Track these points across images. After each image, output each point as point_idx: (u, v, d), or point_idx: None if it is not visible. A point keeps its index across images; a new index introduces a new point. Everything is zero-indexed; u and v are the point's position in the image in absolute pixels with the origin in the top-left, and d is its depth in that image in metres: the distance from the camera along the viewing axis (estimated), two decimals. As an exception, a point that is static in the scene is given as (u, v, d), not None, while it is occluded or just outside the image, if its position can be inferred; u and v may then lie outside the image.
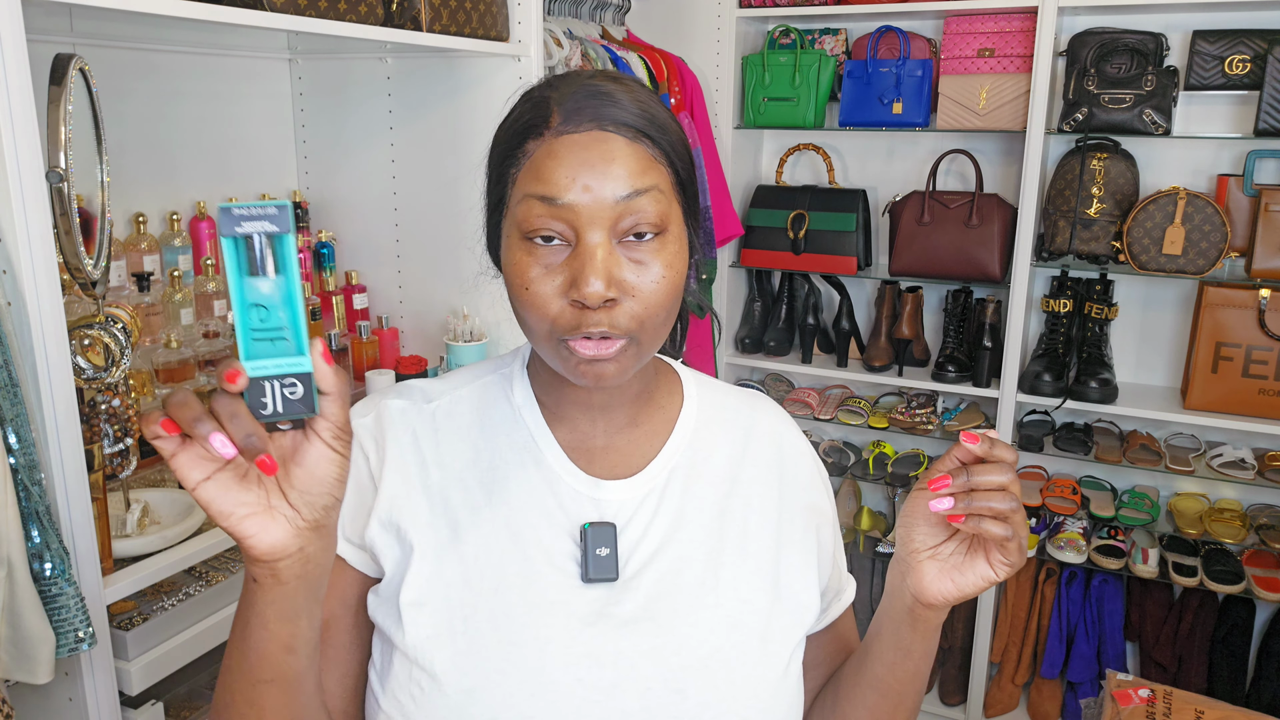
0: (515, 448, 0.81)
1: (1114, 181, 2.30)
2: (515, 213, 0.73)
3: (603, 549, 0.76)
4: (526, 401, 0.83)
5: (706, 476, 0.83)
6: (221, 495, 0.57)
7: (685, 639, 0.76)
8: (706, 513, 0.82)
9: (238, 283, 0.54)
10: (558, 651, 0.74)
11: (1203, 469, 2.36)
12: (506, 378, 0.85)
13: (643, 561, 0.78)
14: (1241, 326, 2.20)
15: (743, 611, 0.79)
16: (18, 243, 1.02)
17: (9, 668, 1.04)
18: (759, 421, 0.89)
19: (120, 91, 1.66)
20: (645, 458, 0.82)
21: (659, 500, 0.81)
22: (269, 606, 0.62)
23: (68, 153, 1.10)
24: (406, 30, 1.53)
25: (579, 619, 0.75)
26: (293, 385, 0.55)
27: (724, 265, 2.71)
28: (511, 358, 0.87)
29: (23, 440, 1.03)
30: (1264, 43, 2.16)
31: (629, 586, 0.77)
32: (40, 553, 1.05)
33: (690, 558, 0.79)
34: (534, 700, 0.73)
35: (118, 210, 1.65)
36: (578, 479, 0.80)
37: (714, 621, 0.78)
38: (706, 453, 0.85)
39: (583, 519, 0.78)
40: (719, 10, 2.60)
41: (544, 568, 0.76)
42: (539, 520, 0.78)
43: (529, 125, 0.73)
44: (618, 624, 0.75)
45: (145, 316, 1.61)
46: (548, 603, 0.75)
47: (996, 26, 2.38)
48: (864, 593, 2.84)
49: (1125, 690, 1.57)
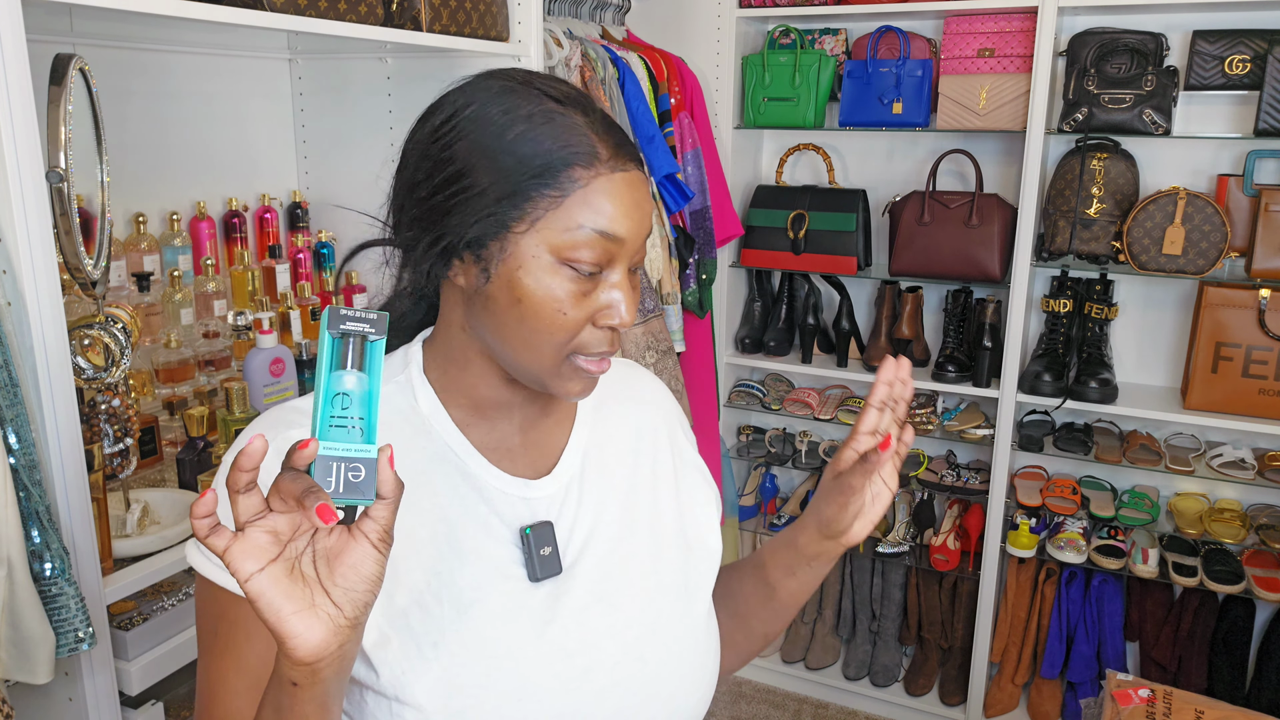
0: (434, 458, 0.80)
1: (1114, 181, 2.30)
2: (557, 239, 0.72)
3: (546, 548, 0.80)
4: (434, 410, 0.81)
5: (612, 452, 0.88)
6: (272, 587, 0.58)
7: (633, 612, 0.82)
8: (620, 488, 0.87)
9: (328, 373, 0.60)
10: (531, 655, 0.77)
11: (1203, 469, 2.36)
12: (405, 386, 0.82)
13: (579, 549, 0.82)
14: (1241, 326, 2.20)
15: (669, 572, 0.86)
16: (18, 243, 1.02)
17: (9, 668, 1.04)
18: (641, 390, 0.96)
19: (120, 91, 1.66)
20: (558, 447, 0.86)
21: (580, 486, 0.85)
22: (309, 704, 0.62)
23: (68, 153, 1.10)
24: (406, 30, 1.53)
25: (540, 619, 0.78)
26: (356, 469, 0.59)
27: (724, 265, 2.71)
28: (401, 364, 0.84)
29: (23, 440, 1.03)
30: (1264, 43, 2.16)
31: (572, 575, 0.81)
32: (40, 553, 1.05)
33: (618, 535, 0.85)
34: (521, 706, 0.75)
35: (118, 210, 1.65)
36: (505, 482, 0.81)
37: (651, 589, 0.84)
38: (607, 430, 0.89)
39: (518, 522, 0.80)
40: (719, 10, 2.60)
41: (494, 577, 0.78)
42: (478, 531, 0.79)
43: (574, 152, 0.73)
44: (574, 613, 0.80)
45: (145, 316, 1.61)
46: (508, 611, 0.78)
47: (996, 26, 2.38)
48: (864, 592, 2.84)
49: (1125, 690, 1.57)
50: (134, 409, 1.30)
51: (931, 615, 2.76)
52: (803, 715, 2.78)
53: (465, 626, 0.76)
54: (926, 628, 2.78)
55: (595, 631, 0.80)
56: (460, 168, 0.73)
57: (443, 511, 0.79)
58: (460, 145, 0.74)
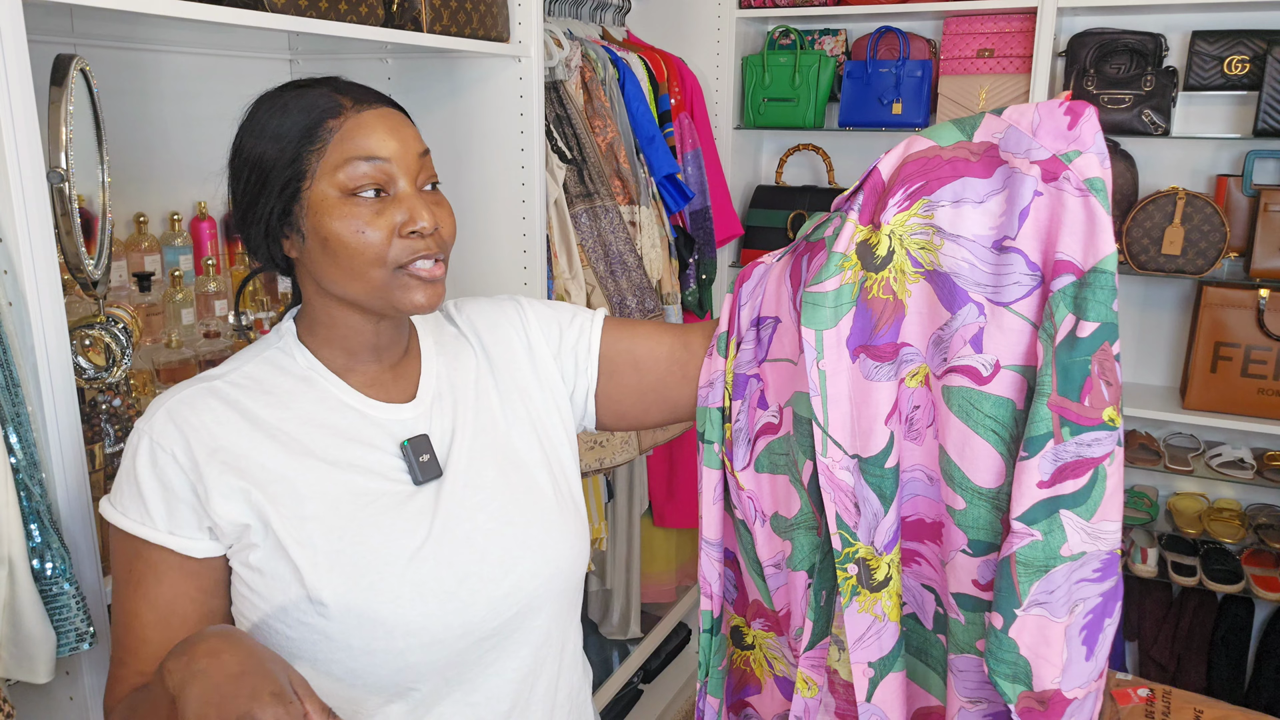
0: (317, 402, 0.93)
1: (1113, 181, 2.30)
2: (334, 179, 0.87)
3: (424, 455, 0.94)
4: (312, 365, 0.95)
5: (460, 373, 1.03)
6: None
7: (496, 488, 0.97)
8: (469, 400, 1.01)
9: None
10: (423, 534, 0.91)
11: (1202, 469, 2.36)
12: (282, 351, 0.96)
13: (446, 451, 0.97)
14: (1240, 326, 2.21)
15: (520, 455, 1.01)
16: (19, 243, 1.02)
17: (9, 667, 1.05)
18: (468, 315, 1.09)
19: (121, 92, 1.66)
20: (416, 375, 1.01)
21: (440, 403, 1.00)
22: None
23: (69, 153, 1.10)
24: (407, 31, 1.53)
25: (427, 510, 0.92)
26: None
27: (724, 265, 2.71)
28: (273, 338, 0.97)
29: (23, 440, 1.03)
30: (1263, 43, 2.17)
31: (447, 472, 0.95)
32: (41, 552, 1.05)
33: (481, 440, 0.99)
34: (419, 569, 0.89)
35: (118, 210, 1.66)
36: (382, 410, 0.95)
37: (507, 469, 0.99)
38: (449, 355, 1.04)
39: (397, 439, 0.94)
40: (719, 11, 2.60)
41: (384, 483, 0.92)
42: (365, 452, 0.92)
43: (323, 110, 0.88)
44: (452, 500, 0.94)
45: (146, 316, 1.61)
46: (398, 508, 0.91)
47: (996, 27, 2.39)
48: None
49: (1124, 689, 1.58)
50: (135, 409, 1.30)
51: (931, 615, 2.76)
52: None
53: (366, 523, 0.89)
54: (926, 627, 2.78)
55: (468, 507, 0.94)
56: (251, 162, 0.90)
57: (334, 438, 0.92)
58: (245, 149, 0.91)
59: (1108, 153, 0.82)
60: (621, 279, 2.07)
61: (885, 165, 0.92)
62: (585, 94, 2.09)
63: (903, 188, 0.88)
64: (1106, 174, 0.81)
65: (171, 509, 0.87)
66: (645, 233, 2.16)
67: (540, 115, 1.79)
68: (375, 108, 0.90)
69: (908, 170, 0.89)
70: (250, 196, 0.91)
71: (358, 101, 0.90)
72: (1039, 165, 0.82)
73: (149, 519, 0.87)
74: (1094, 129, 0.82)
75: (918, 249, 0.89)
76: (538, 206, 1.82)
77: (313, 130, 0.88)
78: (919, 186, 0.88)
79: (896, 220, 0.89)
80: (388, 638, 0.87)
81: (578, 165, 2.02)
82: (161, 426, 0.88)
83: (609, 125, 2.10)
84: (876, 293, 0.91)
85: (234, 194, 0.93)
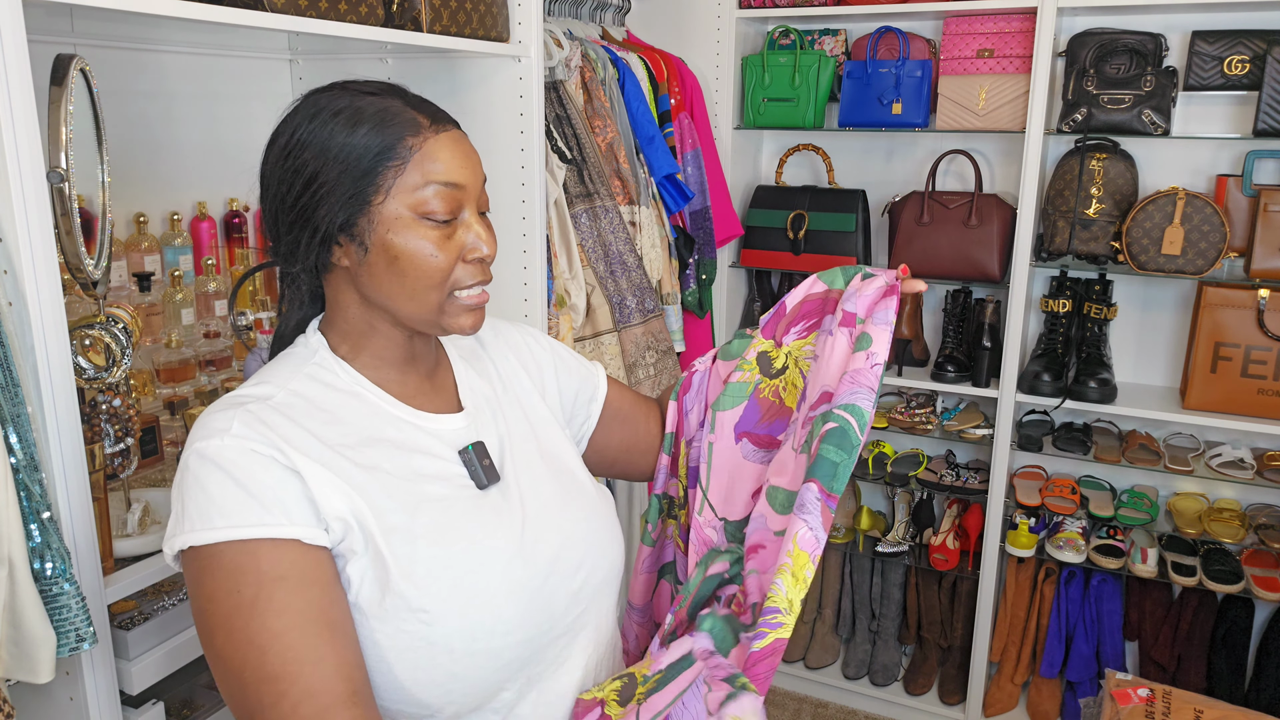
0: (370, 416, 0.93)
1: (1113, 182, 2.30)
2: (411, 199, 0.88)
3: (485, 460, 0.97)
4: (355, 379, 0.95)
5: (489, 383, 1.06)
6: None
7: (546, 496, 1.00)
8: (505, 412, 1.05)
9: None
10: (501, 542, 0.93)
11: (1202, 469, 2.36)
12: (321, 367, 0.94)
13: (499, 459, 0.99)
14: (1240, 326, 2.21)
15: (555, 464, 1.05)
16: (19, 243, 1.02)
17: (10, 667, 1.05)
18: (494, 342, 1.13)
19: (120, 91, 1.66)
20: (452, 387, 1.03)
21: (481, 414, 1.02)
22: None
23: (69, 153, 1.10)
24: (407, 31, 1.53)
25: (496, 514, 0.94)
26: None
27: (724, 265, 2.71)
28: (305, 353, 0.95)
29: (24, 440, 1.03)
30: (1263, 43, 2.17)
31: (507, 480, 0.98)
32: (41, 552, 1.05)
33: (524, 446, 1.03)
34: (507, 576, 0.91)
35: (118, 210, 1.66)
36: (433, 420, 0.97)
37: (549, 479, 1.02)
38: (474, 365, 1.07)
39: (454, 448, 0.96)
40: (719, 11, 2.60)
41: (454, 489, 0.93)
42: (429, 462, 0.93)
43: (402, 126, 0.88)
44: (516, 505, 0.96)
45: (146, 316, 1.61)
46: (486, 515, 0.93)
47: (996, 27, 2.39)
48: (864, 591, 2.84)
49: (1124, 690, 1.58)
50: (135, 409, 1.30)
51: (931, 615, 2.77)
52: (802, 715, 2.79)
53: (449, 528, 0.90)
54: (926, 627, 2.78)
55: (534, 507, 0.98)
56: (314, 170, 0.88)
57: (399, 450, 0.92)
58: (308, 154, 0.88)
59: (892, 323, 1.05)
60: (621, 279, 2.07)
61: (791, 299, 1.15)
62: (585, 94, 2.09)
63: (803, 321, 1.13)
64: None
65: (285, 503, 0.82)
66: (645, 233, 2.16)
67: (540, 115, 1.79)
68: (449, 129, 0.92)
69: (807, 307, 1.14)
70: (308, 199, 0.88)
71: (434, 121, 0.91)
72: (844, 313, 1.06)
73: (265, 515, 0.81)
74: (887, 307, 1.06)
75: (808, 368, 1.11)
76: (538, 206, 1.82)
77: (391, 146, 0.87)
78: (814, 323, 1.13)
79: (795, 345, 1.13)
80: (488, 637, 0.88)
81: (578, 165, 2.02)
82: (243, 431, 0.83)
83: (609, 125, 2.10)
84: (767, 394, 1.13)
85: (281, 194, 0.90)
